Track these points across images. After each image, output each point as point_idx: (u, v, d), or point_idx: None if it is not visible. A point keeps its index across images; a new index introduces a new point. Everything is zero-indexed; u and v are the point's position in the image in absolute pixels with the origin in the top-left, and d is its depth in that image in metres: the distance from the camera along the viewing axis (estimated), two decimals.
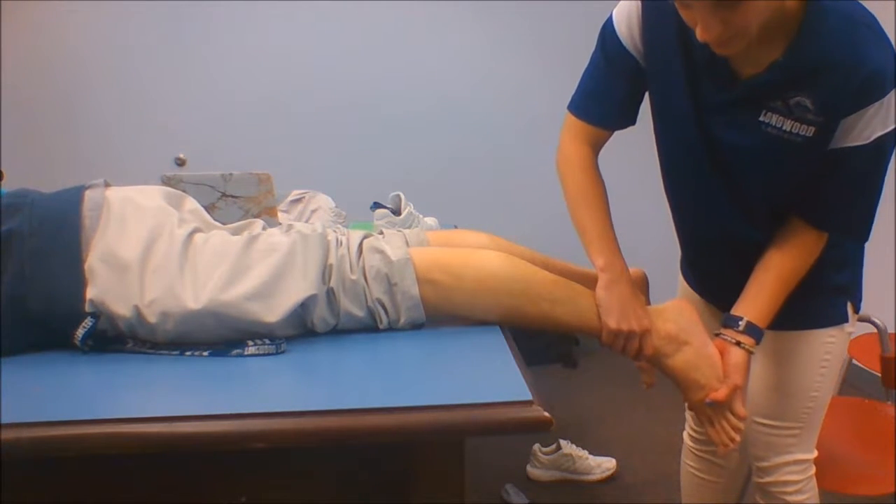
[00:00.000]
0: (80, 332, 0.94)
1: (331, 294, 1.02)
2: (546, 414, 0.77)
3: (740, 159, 1.16)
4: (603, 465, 2.40)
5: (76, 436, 0.74)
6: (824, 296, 1.29)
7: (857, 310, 1.34)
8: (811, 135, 1.06)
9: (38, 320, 0.96)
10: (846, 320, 1.32)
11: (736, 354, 1.13)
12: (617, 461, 2.43)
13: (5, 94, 3.14)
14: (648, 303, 1.25)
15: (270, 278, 0.98)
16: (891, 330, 1.79)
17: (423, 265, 1.04)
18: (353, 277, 1.02)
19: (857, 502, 1.79)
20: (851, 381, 1.81)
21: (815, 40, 1.02)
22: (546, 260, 1.26)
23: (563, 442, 2.41)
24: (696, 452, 1.58)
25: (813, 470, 1.39)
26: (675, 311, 1.15)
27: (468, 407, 0.78)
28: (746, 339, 1.14)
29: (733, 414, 1.12)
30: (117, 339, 0.98)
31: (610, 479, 2.39)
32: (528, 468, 2.42)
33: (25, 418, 0.75)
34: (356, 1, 3.24)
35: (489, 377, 0.88)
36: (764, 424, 1.37)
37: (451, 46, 3.36)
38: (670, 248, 1.49)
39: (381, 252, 1.04)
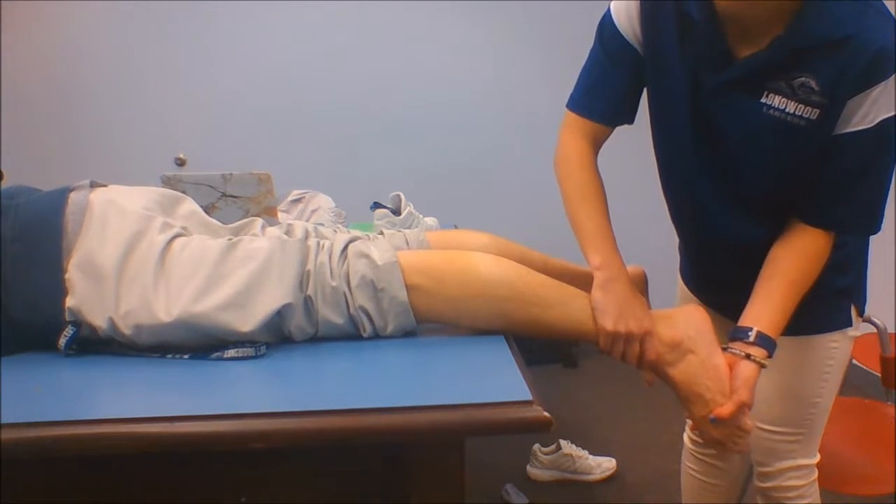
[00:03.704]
0: (62, 341, 0.95)
1: (308, 302, 0.99)
2: (546, 414, 0.77)
3: (738, 146, 1.11)
4: (603, 465, 2.40)
5: (76, 436, 0.74)
6: (828, 300, 1.24)
7: (860, 313, 1.31)
8: (814, 117, 1.03)
9: (22, 327, 0.96)
10: (850, 324, 1.29)
11: (745, 368, 1.04)
12: (617, 461, 2.43)
13: (5, 93, 3.14)
14: (648, 304, 1.23)
15: (245, 287, 0.96)
16: (891, 330, 1.79)
17: (407, 269, 1.00)
18: (334, 284, 0.99)
19: (857, 502, 1.78)
20: (851, 381, 1.80)
21: (820, 16, 0.99)
22: (546, 260, 1.24)
23: (563, 442, 2.42)
24: (697, 455, 1.57)
25: (815, 475, 1.38)
26: (685, 317, 1.07)
27: (468, 407, 0.78)
28: (758, 352, 1.05)
29: (739, 429, 1.04)
30: (101, 343, 0.98)
31: (610, 479, 2.39)
32: (528, 468, 2.42)
33: (25, 418, 0.75)
34: (356, 1, 3.24)
35: (489, 377, 0.88)
36: (766, 430, 1.35)
37: (451, 46, 3.36)
38: (670, 248, 1.48)
39: (367, 256, 1.01)
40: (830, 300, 1.26)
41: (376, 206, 1.78)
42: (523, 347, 0.98)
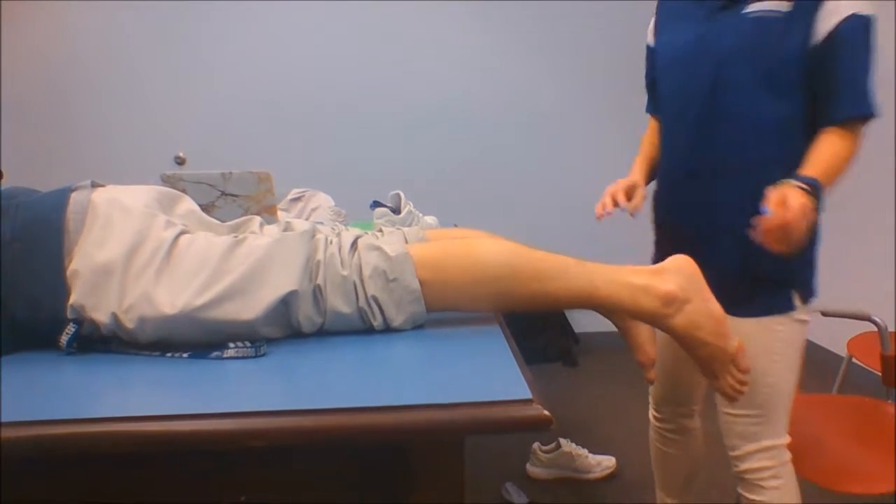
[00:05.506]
0: (64, 338, 0.95)
1: (317, 291, 1.00)
2: (546, 412, 0.77)
3: (732, 56, 1.36)
4: (603, 464, 2.41)
5: (76, 435, 0.74)
6: (763, 286, 1.40)
7: (806, 299, 1.43)
8: (788, 10, 1.30)
9: (23, 325, 0.97)
10: (791, 309, 1.41)
11: (787, 188, 1.20)
12: (617, 459, 2.44)
13: (5, 94, 3.14)
14: None
15: (248, 274, 0.97)
16: (891, 329, 1.79)
17: (416, 261, 1.02)
18: (344, 273, 1.00)
19: (858, 501, 1.78)
20: (852, 380, 1.80)
21: None
22: None
23: (562, 440, 2.42)
24: (660, 431, 1.82)
25: (787, 456, 1.46)
26: (675, 268, 1.09)
27: (468, 406, 0.78)
28: (801, 184, 1.23)
29: (737, 368, 1.11)
30: (102, 341, 0.98)
31: (610, 478, 2.40)
32: (528, 467, 2.43)
33: (25, 417, 0.75)
34: (356, 1, 3.24)
35: (489, 376, 0.88)
36: (727, 413, 1.47)
37: (451, 46, 3.36)
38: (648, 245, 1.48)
39: (379, 249, 1.02)
40: (765, 286, 1.41)
41: (376, 204, 1.78)
42: (523, 346, 0.98)
